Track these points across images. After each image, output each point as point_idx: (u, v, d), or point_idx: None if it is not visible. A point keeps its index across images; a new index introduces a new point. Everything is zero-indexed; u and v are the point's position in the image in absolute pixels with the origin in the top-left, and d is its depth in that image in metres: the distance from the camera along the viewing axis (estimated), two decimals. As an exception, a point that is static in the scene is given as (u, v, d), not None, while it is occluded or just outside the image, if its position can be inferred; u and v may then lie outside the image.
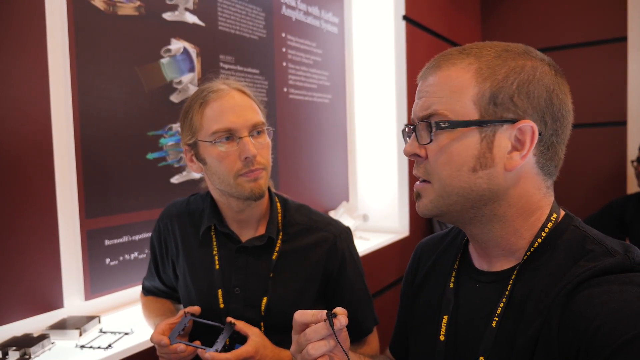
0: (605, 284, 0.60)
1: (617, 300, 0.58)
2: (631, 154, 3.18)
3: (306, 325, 0.72)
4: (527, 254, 0.70)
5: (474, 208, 0.70)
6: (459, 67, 0.69)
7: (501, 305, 0.69)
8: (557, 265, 0.66)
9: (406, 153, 0.73)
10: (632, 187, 3.17)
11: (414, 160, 0.74)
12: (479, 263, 0.77)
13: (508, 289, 0.69)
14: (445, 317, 0.77)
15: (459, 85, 0.68)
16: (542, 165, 0.70)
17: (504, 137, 0.67)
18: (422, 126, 0.70)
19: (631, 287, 0.59)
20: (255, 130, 1.07)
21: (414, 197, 0.75)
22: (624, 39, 3.25)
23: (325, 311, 0.70)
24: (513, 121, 0.67)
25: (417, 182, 0.74)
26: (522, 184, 0.69)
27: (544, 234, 0.70)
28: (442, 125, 0.68)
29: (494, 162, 0.67)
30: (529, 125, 0.66)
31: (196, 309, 1.09)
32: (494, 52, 0.69)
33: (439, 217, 0.73)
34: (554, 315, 0.62)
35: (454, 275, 0.80)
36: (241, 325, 1.04)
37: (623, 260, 0.62)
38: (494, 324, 0.68)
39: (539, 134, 0.67)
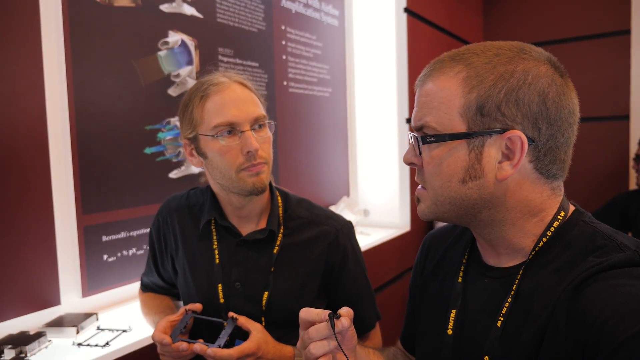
0: (612, 278, 0.60)
1: (623, 294, 0.57)
2: (634, 148, 3.15)
3: (311, 323, 0.72)
4: (533, 252, 0.69)
5: (469, 215, 0.71)
6: (448, 76, 0.68)
7: (506, 304, 0.69)
8: (566, 261, 0.66)
9: (405, 161, 0.76)
10: (634, 182, 3.15)
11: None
12: (487, 258, 0.77)
13: (514, 286, 0.69)
14: (454, 311, 0.77)
15: (447, 96, 0.68)
16: (542, 169, 0.68)
17: (494, 147, 0.66)
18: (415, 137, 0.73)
19: (638, 281, 0.58)
20: (257, 123, 1.05)
21: (415, 201, 0.78)
22: (627, 31, 3.23)
23: (329, 311, 0.70)
24: (501, 131, 0.65)
25: (418, 187, 0.77)
26: (520, 191, 0.68)
27: (549, 233, 0.69)
28: (428, 139, 0.69)
29: (484, 172, 0.67)
30: (517, 135, 0.65)
31: (197, 306, 1.07)
32: (484, 57, 0.67)
33: (438, 220, 0.75)
34: (560, 311, 0.61)
35: (462, 270, 0.80)
36: (243, 321, 1.02)
37: (632, 255, 0.62)
38: (499, 323, 0.68)
39: (532, 141, 0.66)
